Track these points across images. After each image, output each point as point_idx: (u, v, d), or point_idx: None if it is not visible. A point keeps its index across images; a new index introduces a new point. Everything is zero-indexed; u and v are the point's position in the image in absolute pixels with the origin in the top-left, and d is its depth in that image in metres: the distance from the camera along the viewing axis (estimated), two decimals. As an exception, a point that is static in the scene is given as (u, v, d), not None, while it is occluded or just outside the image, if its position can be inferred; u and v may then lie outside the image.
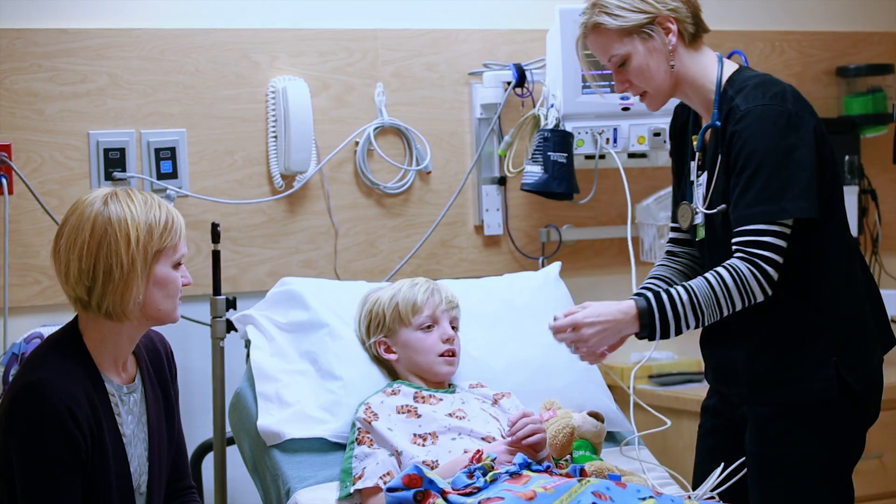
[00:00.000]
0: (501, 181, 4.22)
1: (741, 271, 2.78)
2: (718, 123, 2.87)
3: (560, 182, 3.97)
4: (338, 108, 4.03)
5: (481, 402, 3.26)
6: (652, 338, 2.84)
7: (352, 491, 3.06)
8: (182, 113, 3.85)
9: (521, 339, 3.49)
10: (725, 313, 2.81)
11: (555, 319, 2.86)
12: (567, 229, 4.28)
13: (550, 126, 4.00)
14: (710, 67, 2.93)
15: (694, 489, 3.02)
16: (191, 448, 3.58)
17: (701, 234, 2.97)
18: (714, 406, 3.10)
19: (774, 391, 2.88)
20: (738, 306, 2.80)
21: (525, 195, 4.20)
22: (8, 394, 2.65)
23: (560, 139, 3.98)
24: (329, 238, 4.04)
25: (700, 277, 2.82)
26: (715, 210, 2.89)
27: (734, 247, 2.81)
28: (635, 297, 2.85)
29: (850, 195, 4.57)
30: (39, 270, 3.70)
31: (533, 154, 4.01)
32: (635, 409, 3.28)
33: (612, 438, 3.47)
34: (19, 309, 3.67)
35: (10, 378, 3.07)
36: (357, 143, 4.05)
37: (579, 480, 2.76)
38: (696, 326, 2.83)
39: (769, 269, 2.78)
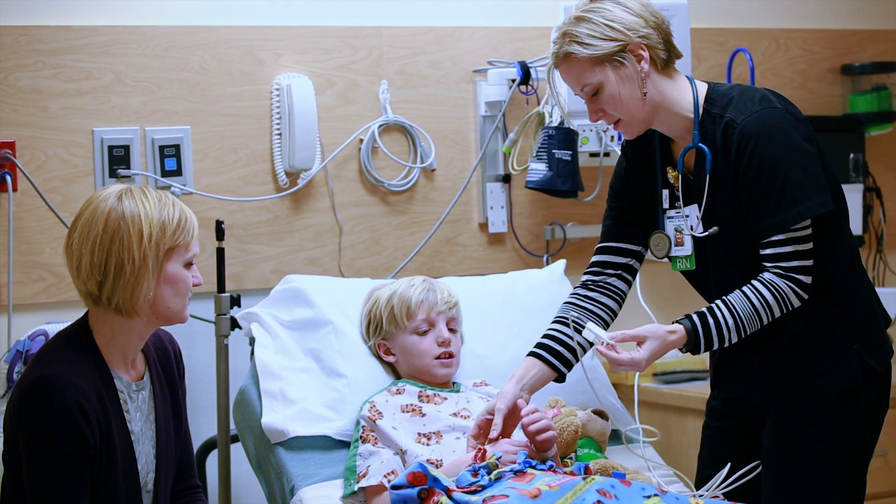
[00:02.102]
0: (506, 179, 4.21)
1: (780, 288, 2.83)
2: (703, 146, 2.88)
3: (565, 180, 3.98)
4: (342, 105, 4.03)
5: (485, 400, 3.26)
6: (696, 353, 2.89)
7: (356, 489, 3.05)
8: (186, 110, 3.85)
9: (525, 337, 3.47)
10: (765, 323, 2.87)
11: (609, 347, 2.87)
12: (571, 227, 4.28)
13: (555, 124, 3.99)
14: (685, 90, 2.93)
15: (697, 490, 3.02)
16: (195, 445, 3.58)
17: (686, 264, 3.00)
18: (720, 407, 3.10)
19: (800, 388, 2.91)
20: (777, 316, 2.86)
21: (529, 193, 4.20)
22: (17, 389, 2.66)
23: (565, 137, 3.98)
24: (333, 235, 4.03)
25: (739, 294, 2.85)
26: (706, 233, 2.91)
27: (767, 263, 2.84)
28: (682, 319, 2.88)
29: (855, 193, 4.57)
30: (44, 268, 3.70)
31: (537, 152, 4.01)
32: (640, 407, 3.28)
33: (617, 436, 3.46)
34: (24, 306, 3.67)
35: (15, 375, 3.07)
36: (361, 141, 4.05)
37: (584, 478, 2.75)
38: (738, 341, 2.87)
39: (804, 277, 2.83)
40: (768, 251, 2.84)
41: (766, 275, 2.84)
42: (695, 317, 2.87)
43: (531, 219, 4.27)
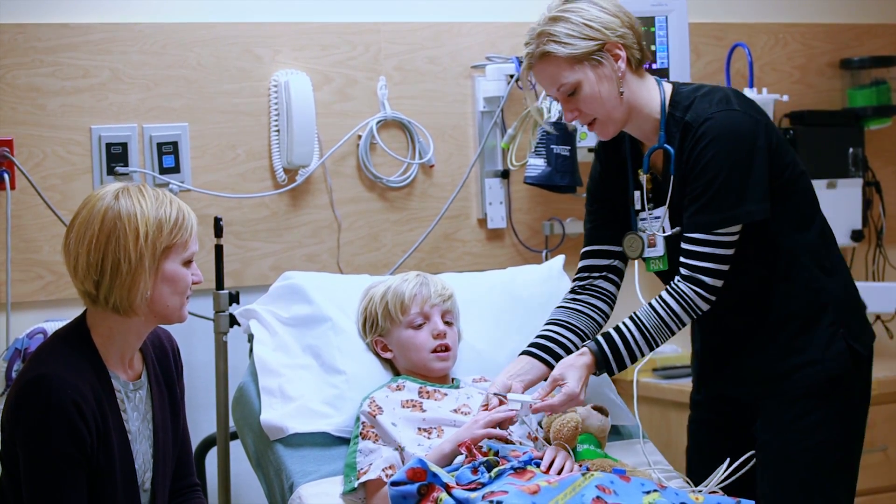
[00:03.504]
0: (504, 174, 4.21)
1: (685, 294, 2.91)
2: (668, 146, 2.93)
3: (563, 175, 3.97)
4: (340, 101, 4.03)
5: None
6: (611, 374, 2.99)
7: (356, 485, 3.05)
8: (184, 107, 3.84)
9: (524, 333, 3.47)
10: (675, 333, 2.95)
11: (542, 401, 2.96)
12: (570, 222, 4.28)
13: (553, 119, 3.99)
14: (653, 91, 2.98)
15: (695, 483, 3.02)
16: (194, 443, 3.57)
17: (660, 265, 3.05)
18: (704, 401, 3.16)
19: (791, 378, 2.95)
20: (686, 323, 2.94)
21: (528, 188, 4.20)
22: (14, 388, 2.65)
23: (563, 132, 3.97)
24: (332, 232, 4.03)
25: (647, 307, 2.94)
26: (670, 233, 2.98)
27: (682, 257, 2.91)
28: (588, 343, 2.98)
29: (854, 188, 4.57)
30: (42, 266, 3.70)
31: (536, 147, 4.01)
32: (640, 403, 3.27)
33: (617, 432, 3.46)
34: (22, 304, 3.67)
35: (13, 373, 3.07)
36: (360, 137, 4.05)
37: (583, 474, 2.76)
38: (650, 352, 2.97)
39: (711, 280, 2.90)
40: (687, 246, 2.91)
41: (673, 283, 2.92)
42: (601, 339, 2.96)
43: (530, 214, 4.27)
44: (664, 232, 2.99)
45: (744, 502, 2.77)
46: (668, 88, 2.99)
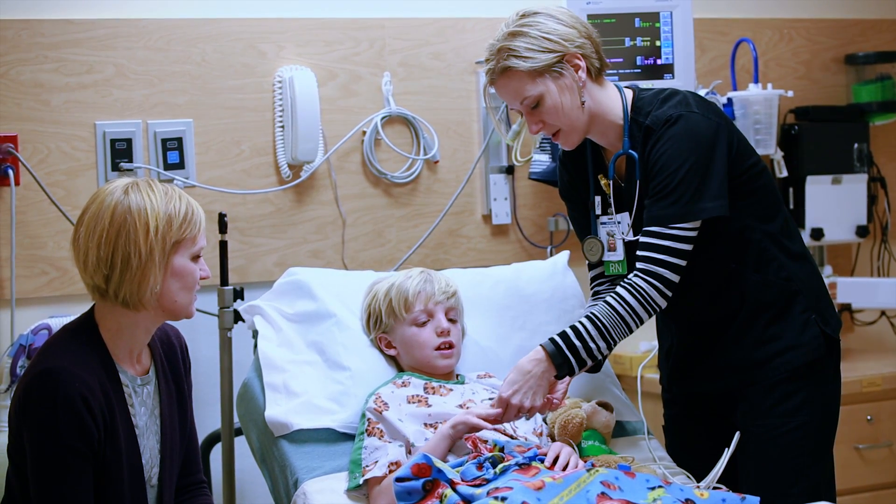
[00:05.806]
0: (509, 170, 4.21)
1: (641, 288, 2.93)
2: (632, 152, 2.99)
3: (568, 171, 3.97)
4: (345, 97, 4.03)
5: (490, 392, 3.25)
6: (571, 374, 2.97)
7: (361, 482, 3.05)
8: (189, 103, 3.84)
9: (529, 329, 3.48)
10: (634, 329, 2.95)
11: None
12: (575, 218, 4.28)
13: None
14: (615, 99, 3.04)
15: (694, 473, 3.05)
16: (199, 439, 3.58)
17: (619, 269, 3.11)
18: (676, 398, 3.25)
19: (768, 366, 3.02)
20: (645, 318, 2.96)
21: (533, 184, 4.20)
22: (22, 381, 2.66)
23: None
24: (337, 228, 4.03)
25: (602, 302, 2.96)
26: (637, 237, 3.01)
27: (639, 251, 2.95)
28: (544, 343, 2.97)
29: (860, 183, 4.56)
30: (47, 261, 3.70)
31: (541, 143, 4.01)
32: (644, 399, 3.28)
33: (622, 428, 3.46)
34: (27, 300, 3.68)
35: (18, 369, 3.07)
36: (364, 133, 4.05)
37: (588, 470, 2.76)
38: (609, 349, 2.96)
39: (668, 274, 2.93)
40: (644, 239, 2.95)
41: (629, 278, 2.94)
42: (558, 338, 2.96)
43: (535, 210, 4.27)
44: (625, 236, 3.06)
45: (749, 499, 2.77)
46: (630, 94, 3.05)
